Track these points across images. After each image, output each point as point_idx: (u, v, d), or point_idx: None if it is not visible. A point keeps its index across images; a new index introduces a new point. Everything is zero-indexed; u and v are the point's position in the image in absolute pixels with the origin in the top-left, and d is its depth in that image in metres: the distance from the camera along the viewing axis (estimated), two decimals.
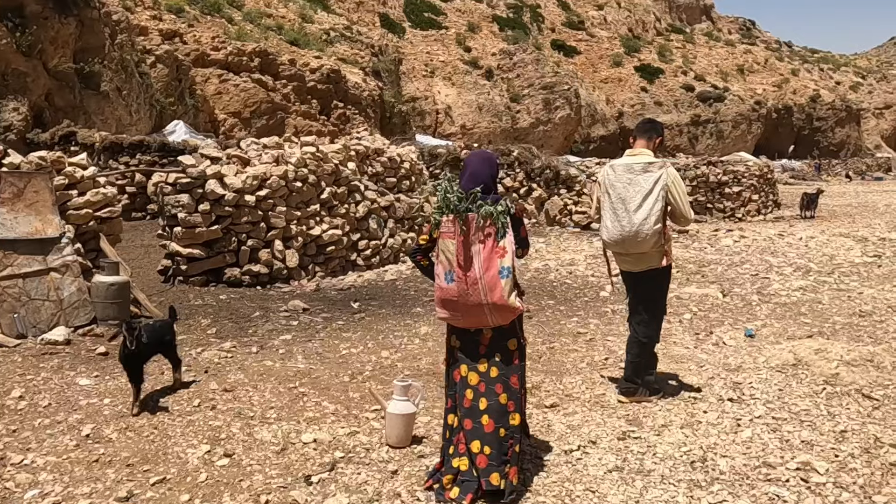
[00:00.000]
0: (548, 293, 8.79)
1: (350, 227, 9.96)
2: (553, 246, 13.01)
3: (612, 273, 5.39)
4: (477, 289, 3.38)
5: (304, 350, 6.14)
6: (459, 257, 3.41)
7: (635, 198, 4.54)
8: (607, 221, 4.74)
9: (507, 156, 15.97)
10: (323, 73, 27.47)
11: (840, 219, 20.55)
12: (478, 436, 3.49)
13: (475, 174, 3.56)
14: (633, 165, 4.63)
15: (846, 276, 10.45)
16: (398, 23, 44.95)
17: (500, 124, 42.68)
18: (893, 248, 13.75)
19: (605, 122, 49.25)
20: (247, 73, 23.16)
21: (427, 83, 41.91)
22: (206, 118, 20.47)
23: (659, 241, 4.63)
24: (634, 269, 4.86)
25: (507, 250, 3.40)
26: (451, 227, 3.45)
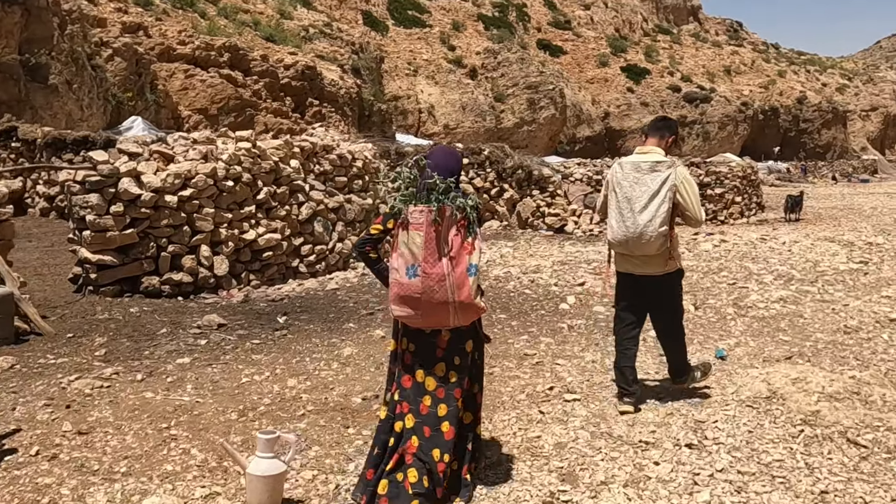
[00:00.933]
0: (502, 305, 7.87)
1: (291, 230, 9.03)
2: (521, 251, 12.11)
3: (610, 274, 5.09)
4: (444, 286, 3.13)
5: (198, 377, 5.21)
6: (427, 251, 3.13)
7: (641, 198, 4.34)
8: (613, 221, 4.53)
9: (477, 154, 15.07)
10: (297, 69, 26.48)
11: (825, 222, 19.76)
12: (437, 444, 3.26)
13: (442, 167, 3.32)
14: (641, 164, 4.42)
15: (830, 286, 9.60)
16: (381, 21, 43.99)
17: (483, 124, 41.80)
18: (880, 254, 12.94)
19: (591, 122, 48.46)
20: (215, 69, 22.16)
21: (410, 82, 40.99)
22: (168, 115, 19.46)
23: (665, 243, 4.40)
24: (638, 272, 4.59)
25: (476, 247, 3.22)
26: (420, 217, 3.15)
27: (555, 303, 8.03)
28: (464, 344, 3.40)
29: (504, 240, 13.66)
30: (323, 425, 4.37)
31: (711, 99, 50.40)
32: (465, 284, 3.16)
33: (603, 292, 8.05)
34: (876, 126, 59.75)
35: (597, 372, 5.53)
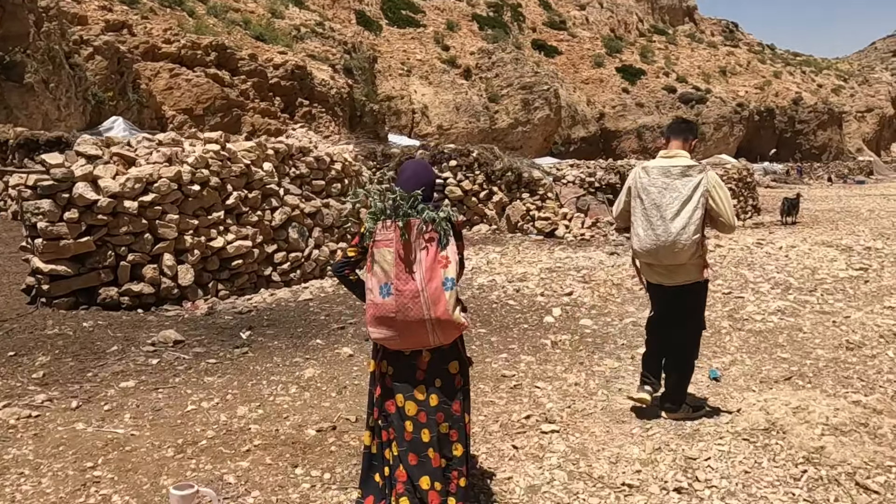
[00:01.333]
0: (483, 318, 7.38)
1: (264, 237, 8.53)
2: (508, 257, 11.62)
3: (642, 280, 4.80)
4: (418, 302, 2.98)
5: (139, 404, 4.72)
6: (398, 267, 3.00)
7: (672, 205, 4.10)
8: (639, 229, 4.28)
9: (465, 156, 14.57)
10: (287, 69, 25.98)
11: (822, 225, 19.31)
12: (426, 471, 3.09)
13: (417, 176, 3.22)
14: (671, 169, 4.16)
15: (830, 295, 9.13)
16: (375, 20, 43.48)
17: (477, 124, 41.34)
18: (880, 260, 12.48)
19: (586, 123, 48.01)
20: (202, 68, 21.63)
21: (403, 82, 40.50)
22: (152, 115, 18.94)
23: (697, 251, 4.19)
24: (667, 283, 4.36)
25: (451, 260, 3.02)
26: (389, 234, 3.04)
27: (539, 315, 7.53)
28: (446, 365, 3.20)
29: (492, 244, 13.17)
30: (269, 464, 3.88)
31: (707, 100, 50.00)
32: (441, 299, 2.98)
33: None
34: (871, 127, 59.40)
35: (579, 397, 5.05)
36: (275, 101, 25.15)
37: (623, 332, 6.91)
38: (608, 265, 10.76)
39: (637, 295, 8.70)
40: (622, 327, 7.07)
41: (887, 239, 15.65)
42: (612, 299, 8.42)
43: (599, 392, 5.16)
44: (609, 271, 10.23)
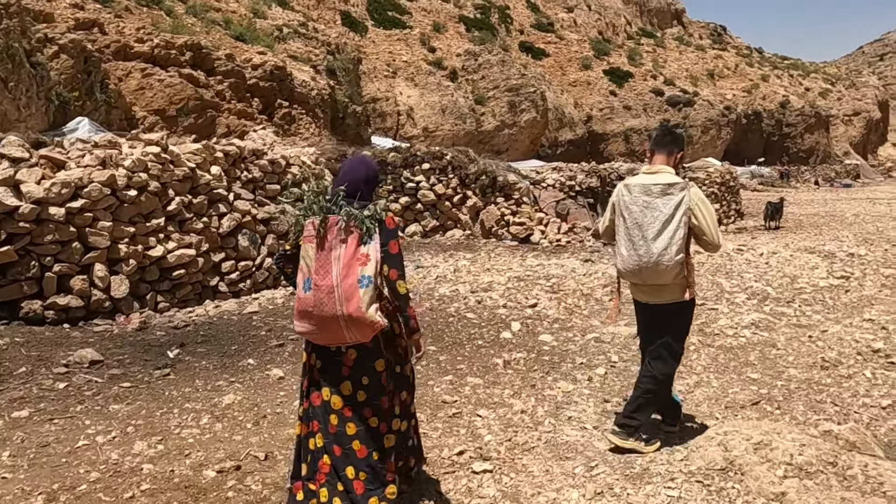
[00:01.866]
0: (435, 334, 6.86)
1: (210, 245, 8.00)
2: (478, 264, 11.12)
3: (620, 301, 4.74)
4: (333, 298, 2.99)
5: (26, 438, 4.19)
6: (318, 262, 3.06)
7: (654, 224, 3.97)
8: (622, 249, 4.16)
9: (439, 159, 14.06)
10: (266, 69, 25.41)
11: (806, 230, 18.91)
12: (350, 462, 3.13)
13: (346, 174, 3.29)
14: (651, 187, 4.01)
15: (809, 306, 8.67)
16: (360, 21, 42.97)
17: (464, 127, 40.86)
18: (862, 267, 12.06)
19: (574, 125, 47.63)
20: (176, 68, 21.05)
21: (389, 83, 40.00)
22: (121, 115, 18.32)
23: (681, 272, 4.05)
24: (651, 301, 4.23)
25: (371, 258, 3.03)
26: (312, 229, 3.11)
27: (497, 330, 7.03)
28: (372, 363, 3.18)
29: (465, 251, 12.67)
30: None
31: (695, 103, 49.70)
32: (354, 296, 2.96)
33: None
34: (858, 131, 59.26)
35: (523, 428, 4.55)
36: (253, 103, 24.58)
37: (584, 349, 6.42)
38: (580, 273, 10.27)
39: (605, 306, 8.22)
40: (583, 344, 6.57)
41: (871, 245, 15.26)
42: (577, 311, 7.93)
43: (546, 421, 4.66)
44: (580, 280, 9.74)
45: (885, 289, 10.08)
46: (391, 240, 3.12)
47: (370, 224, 3.05)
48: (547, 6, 55.28)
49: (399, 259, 3.16)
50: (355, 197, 3.17)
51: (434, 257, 11.94)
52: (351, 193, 3.18)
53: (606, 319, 7.27)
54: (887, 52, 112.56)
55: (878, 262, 12.80)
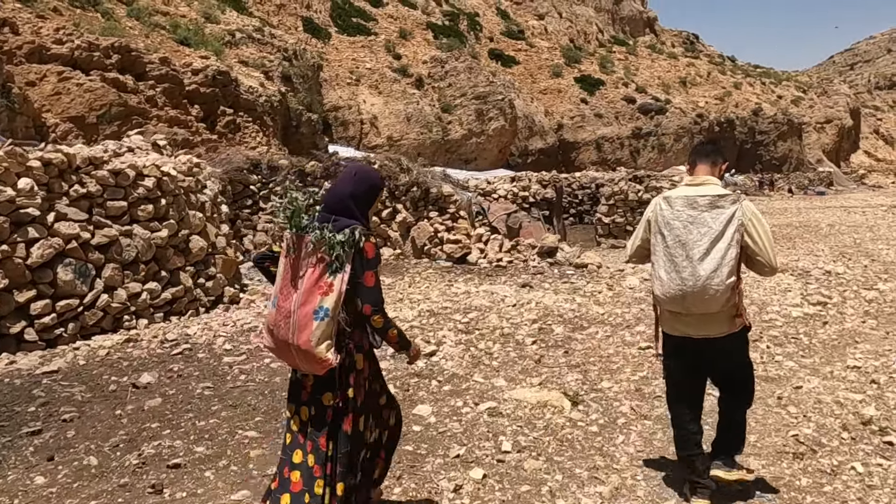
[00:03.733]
0: (259, 402, 5.02)
1: (13, 279, 6.11)
2: (396, 291, 9.30)
3: (658, 339, 3.84)
4: (288, 324, 2.74)
5: None
6: (283, 281, 2.80)
7: (701, 242, 3.35)
8: (661, 272, 3.49)
9: None
10: (207, 74, 23.53)
11: (779, 243, 17.28)
12: (286, 489, 2.87)
13: (331, 188, 2.96)
14: (697, 199, 3.40)
15: (779, 346, 6.96)
16: (323, 28, 41.18)
17: (429, 136, 39.17)
18: (841, 289, 10.40)
19: (544, 134, 46.09)
20: (99, 72, 19.11)
21: (352, 91, 38.22)
22: (28, 122, 16.38)
23: (732, 298, 3.38)
24: (693, 335, 3.52)
25: (335, 289, 2.71)
26: (286, 245, 2.85)
27: None
28: (321, 395, 2.87)
29: (390, 274, 10.84)
30: None
31: (667, 110, 48.35)
32: (307, 328, 2.69)
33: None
34: (831, 138, 58.28)
35: None
36: (191, 110, 22.68)
37: (469, 430, 4.58)
38: (509, 304, 8.47)
39: (525, 352, 6.41)
40: (472, 420, 4.75)
41: (848, 260, 13.65)
42: (485, 363, 6.12)
43: None
44: (505, 314, 7.94)
45: (868, 318, 8.39)
46: (368, 270, 2.80)
47: (342, 251, 2.73)
48: (517, 13, 53.85)
49: (375, 292, 2.81)
50: (341, 214, 2.83)
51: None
52: (334, 210, 2.85)
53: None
54: (857, 62, 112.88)
55: (858, 281, 11.17)
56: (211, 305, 7.97)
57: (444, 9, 48.74)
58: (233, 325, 7.17)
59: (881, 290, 10.32)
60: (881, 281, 11.17)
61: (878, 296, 9.84)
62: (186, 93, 22.63)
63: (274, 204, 10.06)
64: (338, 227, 2.76)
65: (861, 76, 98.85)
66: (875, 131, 68.09)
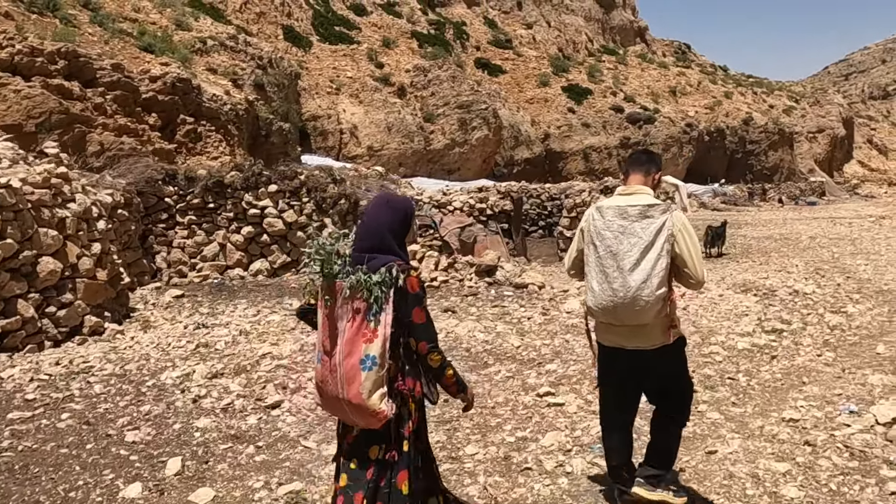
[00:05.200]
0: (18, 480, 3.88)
1: None
2: (285, 324, 8.16)
3: (594, 348, 3.76)
4: (335, 378, 2.56)
5: None
6: (323, 334, 2.62)
7: (631, 252, 3.29)
8: (593, 283, 3.43)
9: (290, 179, 11.13)
10: (166, 81, 22.49)
11: (753, 257, 16.16)
12: None
13: (365, 224, 2.71)
14: (628, 209, 3.35)
15: (710, 391, 5.81)
16: (304, 36, 40.23)
17: (411, 145, 38.15)
18: (805, 313, 9.28)
19: (530, 144, 45.02)
20: (43, 78, 18.08)
21: (331, 100, 37.20)
22: None
23: (663, 309, 3.33)
24: (627, 346, 3.45)
25: (379, 334, 2.51)
26: (321, 295, 2.66)
27: (113, 488, 4.04)
28: (367, 448, 2.64)
29: (297, 297, 9.68)
30: None
31: (655, 120, 47.27)
32: (356, 380, 2.51)
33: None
34: (823, 148, 57.15)
35: None
36: (147, 118, 21.63)
37: None
38: None
39: None
40: None
41: (822, 276, 12.51)
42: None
43: None
44: None
45: (826, 350, 7.25)
46: (415, 307, 2.58)
47: (380, 292, 2.51)
48: (505, 22, 52.92)
49: (427, 329, 2.61)
50: (377, 251, 2.60)
51: (251, 306, 8.98)
52: (369, 248, 2.61)
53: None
54: (852, 72, 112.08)
55: (827, 302, 10.04)
56: (64, 338, 6.84)
57: (431, 18, 47.80)
58: (67, 364, 6.02)
59: (849, 314, 9.18)
60: (852, 302, 10.04)
61: (843, 321, 8.70)
62: (142, 100, 21.59)
63: (303, 251, 8.68)
64: (373, 268, 2.57)
65: (855, 86, 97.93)
66: (868, 141, 67.01)
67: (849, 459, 4.35)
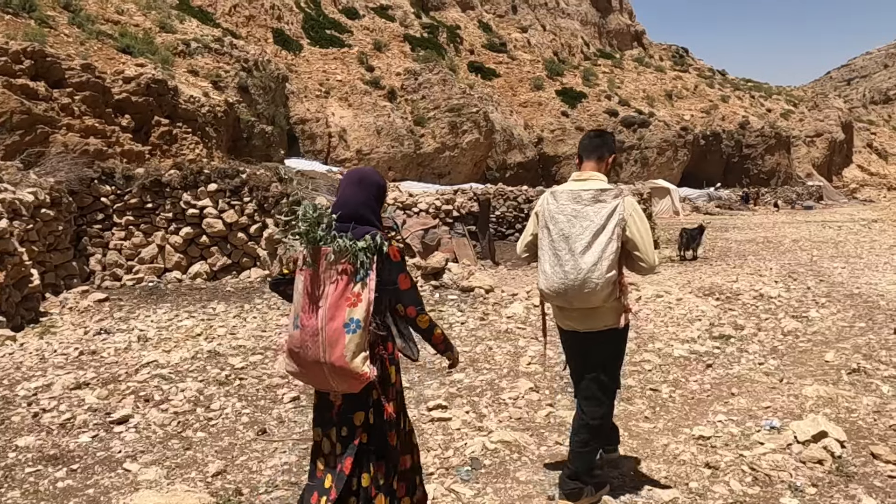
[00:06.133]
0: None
1: None
2: (199, 328, 7.61)
3: (548, 333, 3.91)
4: (317, 342, 2.55)
5: None
6: (304, 299, 2.61)
7: (583, 236, 3.31)
8: (546, 266, 3.43)
9: (231, 178, 10.60)
10: (141, 82, 22.07)
11: (729, 260, 15.55)
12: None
13: (342, 195, 2.78)
14: (581, 193, 3.36)
15: (625, 402, 5.25)
16: (294, 39, 39.82)
17: (401, 149, 37.65)
18: (763, 318, 8.72)
19: (523, 148, 44.46)
20: (6, 77, 17.63)
21: (320, 104, 36.76)
22: None
23: (613, 292, 3.36)
24: (580, 329, 3.49)
25: (363, 298, 2.55)
26: (302, 262, 2.67)
27: None
28: (351, 414, 2.66)
29: (234, 301, 9.17)
30: None
31: (650, 123, 46.66)
32: (339, 343, 2.51)
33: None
34: (821, 152, 56.36)
35: None
36: (120, 119, 21.20)
37: None
38: None
39: (256, 418, 4.72)
40: None
41: (793, 280, 11.92)
42: (187, 434, 4.42)
43: None
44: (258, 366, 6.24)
45: (771, 358, 6.69)
46: (400, 274, 2.65)
47: (365, 258, 2.56)
48: (500, 26, 52.42)
49: (413, 293, 2.69)
50: (355, 221, 2.66)
51: (171, 311, 8.44)
52: (349, 217, 2.67)
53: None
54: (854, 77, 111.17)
55: (790, 306, 9.47)
56: None
57: (424, 21, 47.35)
58: None
59: (809, 319, 8.60)
60: (817, 306, 9.46)
61: (800, 327, 8.11)
62: (115, 102, 21.15)
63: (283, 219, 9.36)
64: (357, 235, 2.62)
65: (857, 91, 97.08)
66: (869, 145, 66.18)
67: (750, 485, 3.78)
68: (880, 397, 5.38)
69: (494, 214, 19.17)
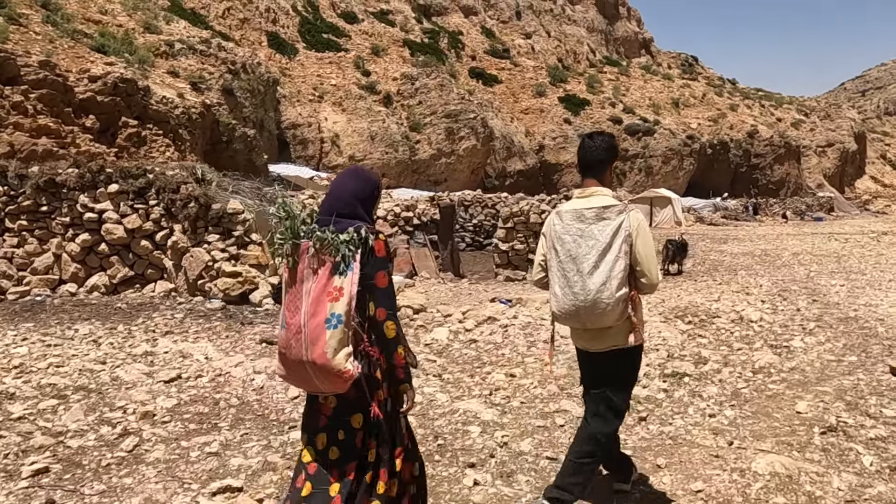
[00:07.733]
0: None
1: None
2: (50, 354, 6.22)
3: (554, 352, 3.78)
4: (300, 340, 2.40)
5: None
6: (289, 297, 2.50)
7: (589, 255, 3.21)
8: (556, 287, 3.32)
9: (136, 178, 9.23)
10: (108, 82, 20.85)
11: (718, 274, 13.98)
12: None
13: (333, 192, 2.61)
14: (584, 212, 3.25)
15: (509, 479, 3.77)
16: (290, 43, 38.67)
17: (395, 155, 36.31)
18: (735, 346, 7.22)
19: (524, 155, 42.97)
20: None
21: (313, 108, 35.53)
22: None
23: (625, 311, 3.20)
24: (592, 349, 3.38)
25: (345, 292, 2.39)
26: (283, 257, 2.60)
27: None
28: (348, 417, 2.50)
29: (115, 321, 7.77)
30: None
31: (655, 132, 45.00)
32: (321, 339, 2.35)
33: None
34: (833, 162, 54.32)
35: None
36: (83, 119, 20.00)
37: None
38: (165, 379, 5.35)
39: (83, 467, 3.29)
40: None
41: (783, 300, 10.36)
42: None
43: None
44: (136, 395, 4.82)
45: (727, 408, 5.22)
46: (379, 270, 2.45)
47: (347, 251, 2.40)
48: (503, 32, 51.07)
49: (388, 294, 2.48)
50: (343, 216, 2.50)
51: (32, 332, 7.06)
52: (335, 212, 2.51)
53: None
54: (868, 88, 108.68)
55: (772, 333, 7.99)
56: None
57: (425, 26, 46.09)
58: None
59: (790, 350, 7.10)
60: (803, 333, 7.93)
61: (775, 361, 6.59)
62: (78, 101, 19.97)
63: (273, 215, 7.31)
64: (340, 229, 2.45)
65: (871, 102, 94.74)
66: (882, 156, 64.00)
67: None
68: (859, 474, 3.87)
69: (472, 223, 17.73)
